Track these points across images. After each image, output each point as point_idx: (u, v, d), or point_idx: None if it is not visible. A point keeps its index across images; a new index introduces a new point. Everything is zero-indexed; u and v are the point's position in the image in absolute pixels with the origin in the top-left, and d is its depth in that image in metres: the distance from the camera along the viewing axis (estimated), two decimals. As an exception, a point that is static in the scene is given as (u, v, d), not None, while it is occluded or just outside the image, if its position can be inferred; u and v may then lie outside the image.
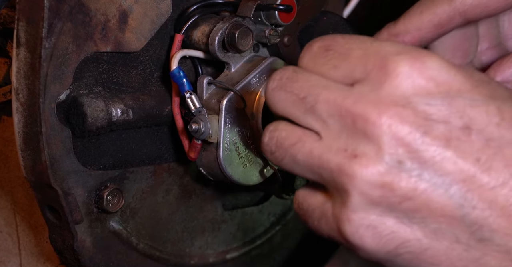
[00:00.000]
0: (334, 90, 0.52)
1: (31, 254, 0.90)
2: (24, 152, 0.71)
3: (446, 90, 0.50)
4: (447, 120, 0.49)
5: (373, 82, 0.51)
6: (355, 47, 0.54)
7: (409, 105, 0.50)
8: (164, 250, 0.89)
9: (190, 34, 0.81)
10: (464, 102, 0.50)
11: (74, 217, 0.74)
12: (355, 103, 0.51)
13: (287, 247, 1.08)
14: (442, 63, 0.51)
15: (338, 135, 0.52)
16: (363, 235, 0.51)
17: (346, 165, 0.51)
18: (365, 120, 0.50)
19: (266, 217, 1.03)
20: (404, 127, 0.49)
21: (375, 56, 0.52)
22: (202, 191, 0.92)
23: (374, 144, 0.50)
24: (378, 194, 0.50)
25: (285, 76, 0.56)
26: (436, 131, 0.49)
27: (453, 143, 0.49)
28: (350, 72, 0.53)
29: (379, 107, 0.50)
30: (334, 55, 0.54)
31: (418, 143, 0.49)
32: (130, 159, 0.82)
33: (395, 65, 0.50)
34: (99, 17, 0.72)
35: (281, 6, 0.80)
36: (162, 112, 0.81)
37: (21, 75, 0.69)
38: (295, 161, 0.55)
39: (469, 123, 0.49)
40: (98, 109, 0.73)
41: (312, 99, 0.53)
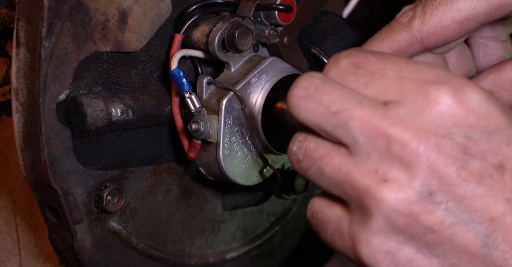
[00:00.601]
0: (369, 107, 0.51)
1: (31, 254, 0.90)
2: (24, 152, 0.71)
3: (485, 125, 0.50)
4: (483, 157, 0.49)
5: (411, 106, 0.50)
6: (389, 67, 0.52)
7: (449, 136, 0.49)
8: (164, 250, 0.89)
9: (190, 34, 0.81)
10: (501, 139, 0.50)
11: (73, 217, 0.74)
12: (392, 126, 0.50)
13: (287, 247, 1.08)
14: (483, 96, 0.50)
15: (369, 154, 0.51)
16: (380, 260, 0.51)
17: (375, 187, 0.50)
18: (403, 146, 0.49)
19: (266, 217, 1.03)
20: (442, 159, 0.49)
21: (413, 80, 0.51)
22: (202, 191, 0.92)
23: (408, 171, 0.49)
24: (404, 222, 0.49)
25: (313, 86, 0.53)
26: (472, 167, 0.49)
27: (486, 180, 0.49)
28: (384, 92, 0.52)
29: (418, 135, 0.49)
30: (366, 74, 0.53)
31: (453, 177, 0.49)
32: (130, 158, 0.82)
33: (436, 93, 0.50)
34: (99, 17, 0.72)
35: (281, 6, 0.80)
36: (161, 112, 0.81)
37: (21, 75, 0.69)
38: (322, 174, 0.54)
39: (503, 162, 0.49)
40: (98, 109, 0.73)
41: (345, 115, 0.51)
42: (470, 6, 0.64)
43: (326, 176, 0.53)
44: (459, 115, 0.49)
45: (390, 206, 0.49)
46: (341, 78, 0.54)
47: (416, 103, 0.50)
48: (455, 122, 0.49)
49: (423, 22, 0.66)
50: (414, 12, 0.67)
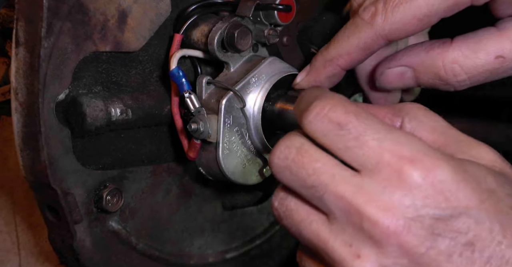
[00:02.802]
0: (343, 182, 0.53)
1: (31, 254, 0.90)
2: (23, 152, 0.71)
3: (454, 205, 0.51)
4: (452, 236, 0.51)
5: (385, 183, 0.52)
6: (369, 134, 0.54)
7: (418, 218, 0.51)
8: (164, 250, 0.89)
9: (189, 34, 0.81)
10: (470, 219, 0.51)
11: (73, 217, 0.74)
12: (365, 204, 0.52)
13: (286, 247, 1.08)
14: (453, 176, 0.52)
15: (345, 227, 0.53)
16: None
17: (349, 263, 0.53)
18: (374, 225, 0.51)
19: (265, 216, 1.03)
20: (411, 240, 0.51)
21: (391, 154, 0.53)
22: (202, 190, 0.92)
23: (379, 249, 0.51)
24: None
25: (290, 157, 0.56)
26: (441, 246, 0.51)
27: (454, 259, 0.51)
28: (362, 159, 0.54)
29: (389, 215, 0.51)
30: (348, 137, 0.54)
31: (423, 257, 0.51)
32: (129, 158, 0.82)
33: (408, 174, 0.52)
34: (98, 17, 0.72)
35: (280, 6, 0.80)
36: (161, 112, 0.81)
37: (20, 75, 0.69)
38: (301, 235, 0.57)
39: (472, 240, 0.51)
40: (97, 109, 0.73)
41: (320, 189, 0.54)
42: (429, 3, 0.67)
43: (305, 239, 0.56)
44: (429, 197, 0.51)
45: None
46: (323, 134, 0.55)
47: (389, 181, 0.52)
48: (424, 204, 0.51)
49: (385, 20, 0.68)
50: (376, 8, 0.69)
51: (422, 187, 0.51)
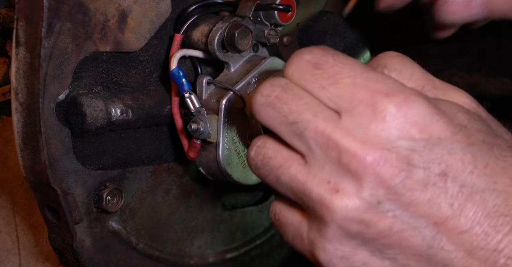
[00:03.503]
0: (323, 119, 0.54)
1: (31, 254, 0.90)
2: (24, 152, 0.71)
3: (428, 137, 0.53)
4: (426, 167, 0.52)
5: (360, 118, 0.53)
6: (344, 73, 0.55)
7: (394, 149, 0.52)
8: (164, 250, 0.89)
9: (190, 34, 0.81)
10: (443, 150, 0.53)
11: (73, 217, 0.74)
12: (342, 138, 0.53)
13: (286, 247, 1.08)
14: (427, 109, 0.53)
15: (323, 164, 0.54)
16: (336, 265, 0.54)
17: (328, 198, 0.53)
18: (351, 157, 0.52)
19: (265, 216, 1.03)
20: (387, 170, 0.52)
21: (364, 91, 0.53)
22: (202, 190, 0.92)
23: (357, 181, 0.52)
24: (355, 229, 0.53)
25: (274, 94, 0.56)
26: (416, 177, 0.52)
27: (430, 188, 0.52)
28: (337, 98, 0.55)
29: (365, 147, 0.52)
30: (323, 76, 0.55)
31: (398, 187, 0.52)
32: (130, 158, 0.82)
33: (383, 108, 0.52)
34: (99, 17, 0.72)
35: (281, 6, 0.80)
36: (161, 112, 0.81)
37: (20, 75, 0.69)
38: (279, 182, 0.57)
39: (446, 170, 0.52)
40: (98, 109, 0.73)
41: (301, 125, 0.55)
42: None
43: (283, 184, 0.56)
44: (403, 129, 0.52)
45: (342, 215, 0.53)
46: (299, 76, 0.56)
47: (365, 116, 0.53)
48: (399, 136, 0.52)
49: None
50: None
51: (397, 119, 0.52)
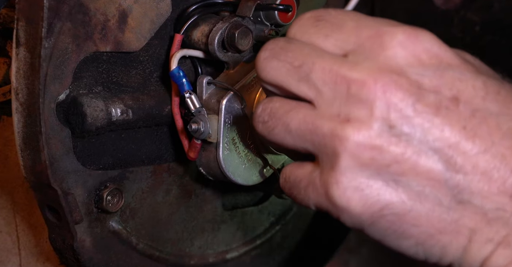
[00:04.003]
0: (329, 59, 0.54)
1: (31, 254, 0.90)
2: (24, 152, 0.71)
3: (438, 63, 0.53)
4: (437, 91, 0.52)
5: (368, 52, 0.53)
6: (348, 19, 0.55)
7: (404, 74, 0.52)
8: (164, 250, 0.89)
9: (190, 34, 0.81)
10: (454, 75, 0.52)
11: (73, 217, 0.74)
12: (350, 70, 0.53)
13: (287, 247, 1.08)
14: (435, 39, 0.53)
15: (332, 102, 0.53)
16: (350, 197, 0.53)
17: (339, 128, 0.52)
18: (361, 85, 0.52)
19: (266, 217, 1.03)
20: (398, 94, 0.51)
21: (369, 28, 0.54)
22: (202, 191, 0.92)
23: (368, 108, 0.52)
24: (368, 156, 0.52)
25: (278, 46, 0.57)
26: (427, 100, 0.51)
27: (442, 111, 0.51)
28: (343, 42, 0.55)
29: (374, 74, 0.52)
30: (326, 25, 0.56)
31: (410, 109, 0.51)
32: (130, 158, 0.82)
33: (391, 37, 0.53)
34: (99, 17, 0.72)
35: (281, 6, 0.80)
36: (161, 112, 0.81)
37: (21, 75, 0.69)
38: (288, 129, 0.56)
39: (457, 95, 0.52)
40: (98, 109, 0.73)
41: (307, 67, 0.54)
42: None
43: (293, 130, 0.55)
44: (413, 56, 0.52)
45: (354, 142, 0.52)
46: (303, 31, 0.57)
47: (372, 49, 0.53)
48: (408, 63, 0.52)
49: None
50: None
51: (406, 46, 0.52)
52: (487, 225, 0.51)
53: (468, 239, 0.52)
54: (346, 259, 1.24)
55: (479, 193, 0.51)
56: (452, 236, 0.52)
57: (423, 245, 0.53)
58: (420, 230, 0.52)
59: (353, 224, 0.54)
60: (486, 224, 0.51)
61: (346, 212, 0.53)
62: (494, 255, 0.52)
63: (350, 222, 0.54)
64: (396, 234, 0.53)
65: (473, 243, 0.52)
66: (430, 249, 0.53)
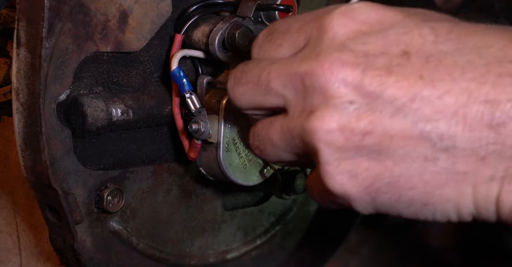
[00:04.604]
0: (280, 63, 0.56)
1: (31, 254, 0.90)
2: (24, 152, 0.71)
3: (380, 27, 0.53)
4: (384, 52, 0.52)
5: (314, 42, 0.54)
6: (293, 21, 0.57)
7: (347, 48, 0.53)
8: (164, 250, 0.89)
9: (190, 34, 0.81)
10: (397, 31, 0.53)
11: (74, 217, 0.74)
12: (299, 65, 0.54)
13: (287, 247, 1.08)
14: (371, 6, 0.54)
15: (297, 101, 0.55)
16: (341, 182, 0.53)
17: (306, 123, 0.53)
18: (310, 75, 0.53)
19: (266, 217, 1.03)
20: (345, 69, 0.52)
21: (311, 21, 0.55)
22: (202, 191, 0.92)
23: (324, 93, 0.52)
24: (341, 138, 0.52)
25: (238, 71, 0.59)
26: (377, 64, 0.52)
27: (394, 69, 0.51)
28: (295, 43, 0.56)
29: (319, 60, 0.53)
30: (278, 36, 0.58)
31: (360, 79, 0.52)
32: (130, 159, 0.82)
33: (328, 21, 0.54)
34: (99, 17, 0.72)
35: (281, 6, 0.80)
36: (162, 112, 0.81)
37: (21, 75, 0.69)
38: (274, 144, 0.58)
39: (406, 49, 0.52)
40: (98, 109, 0.73)
41: (265, 79, 0.56)
42: None
43: (278, 144, 0.57)
44: (352, 30, 0.53)
45: (323, 131, 0.52)
46: (261, 50, 0.59)
47: (315, 38, 0.54)
48: (349, 37, 0.53)
49: None
50: None
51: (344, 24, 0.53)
52: (482, 164, 0.50)
53: (471, 184, 0.51)
54: (346, 259, 1.24)
55: (459, 135, 0.50)
56: (452, 187, 0.51)
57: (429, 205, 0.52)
58: (418, 191, 0.52)
59: (363, 207, 0.55)
60: (481, 163, 0.50)
61: (347, 197, 0.54)
62: (503, 193, 0.50)
63: (360, 207, 0.55)
64: (400, 202, 0.53)
65: (477, 186, 0.51)
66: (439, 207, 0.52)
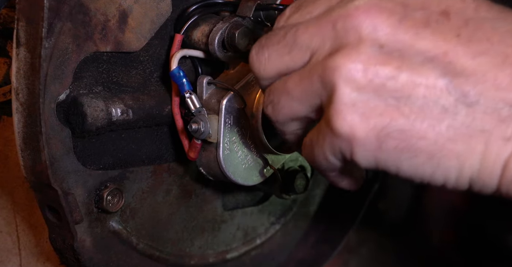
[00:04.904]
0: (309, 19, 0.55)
1: (31, 254, 0.90)
2: (24, 152, 0.71)
3: None
4: (424, 7, 0.52)
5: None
6: None
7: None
8: (164, 250, 0.89)
9: (190, 34, 0.81)
10: None
11: (74, 217, 0.74)
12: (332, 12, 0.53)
13: (287, 247, 1.08)
14: None
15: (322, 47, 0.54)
16: (352, 122, 0.52)
17: (330, 61, 0.52)
18: (344, 18, 0.52)
19: (266, 217, 1.03)
20: (382, 15, 0.51)
21: None
22: (202, 191, 0.92)
23: (355, 34, 0.52)
24: (363, 78, 0.52)
25: (263, 38, 0.58)
26: (415, 16, 0.51)
27: (432, 24, 0.51)
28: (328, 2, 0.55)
29: (356, 4, 0.52)
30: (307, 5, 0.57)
31: (396, 27, 0.51)
32: (130, 158, 0.82)
33: None
34: (99, 17, 0.72)
35: (281, 6, 0.80)
36: (162, 112, 0.81)
37: (21, 75, 0.69)
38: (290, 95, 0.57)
39: (447, 9, 0.52)
40: (98, 109, 0.74)
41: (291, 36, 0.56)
42: None
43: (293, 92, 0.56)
44: None
45: (346, 68, 0.52)
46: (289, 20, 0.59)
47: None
48: None
49: None
50: None
51: None
52: (501, 124, 0.50)
53: (484, 142, 0.50)
54: (346, 259, 1.24)
55: (486, 93, 0.49)
56: (464, 142, 0.50)
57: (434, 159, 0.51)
58: (428, 142, 0.51)
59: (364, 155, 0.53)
60: (500, 122, 0.50)
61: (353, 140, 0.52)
62: None
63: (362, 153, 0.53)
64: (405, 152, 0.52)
65: (490, 145, 0.50)
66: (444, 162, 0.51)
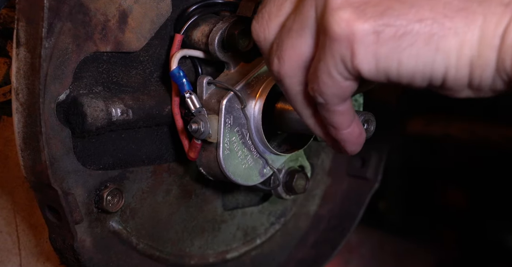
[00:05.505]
0: None
1: (31, 254, 0.90)
2: (24, 152, 0.71)
3: None
4: None
5: None
6: None
7: None
8: (164, 250, 0.89)
9: (190, 34, 0.81)
10: None
11: (74, 217, 0.74)
12: None
13: (287, 247, 1.08)
14: None
15: None
16: (348, 18, 0.52)
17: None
18: None
19: (266, 217, 1.03)
20: None
21: None
22: (202, 191, 0.92)
23: None
24: None
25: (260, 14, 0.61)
26: None
27: None
28: None
29: None
30: None
31: None
32: (130, 158, 0.82)
33: None
34: (99, 17, 0.72)
35: (281, 6, 0.80)
36: (162, 112, 0.81)
37: (21, 75, 0.69)
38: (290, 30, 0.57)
39: None
40: (98, 109, 0.73)
41: None
42: None
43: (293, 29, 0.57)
44: None
45: None
46: None
47: None
48: None
49: None
50: None
51: None
52: None
53: (482, 14, 0.49)
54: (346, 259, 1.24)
55: None
56: (463, 18, 0.49)
57: (433, 42, 0.50)
58: (426, 24, 0.50)
59: (365, 54, 0.52)
60: None
61: (352, 38, 0.52)
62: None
63: (363, 52, 0.52)
64: (404, 39, 0.51)
65: (487, 16, 0.49)
66: (444, 44, 0.50)
